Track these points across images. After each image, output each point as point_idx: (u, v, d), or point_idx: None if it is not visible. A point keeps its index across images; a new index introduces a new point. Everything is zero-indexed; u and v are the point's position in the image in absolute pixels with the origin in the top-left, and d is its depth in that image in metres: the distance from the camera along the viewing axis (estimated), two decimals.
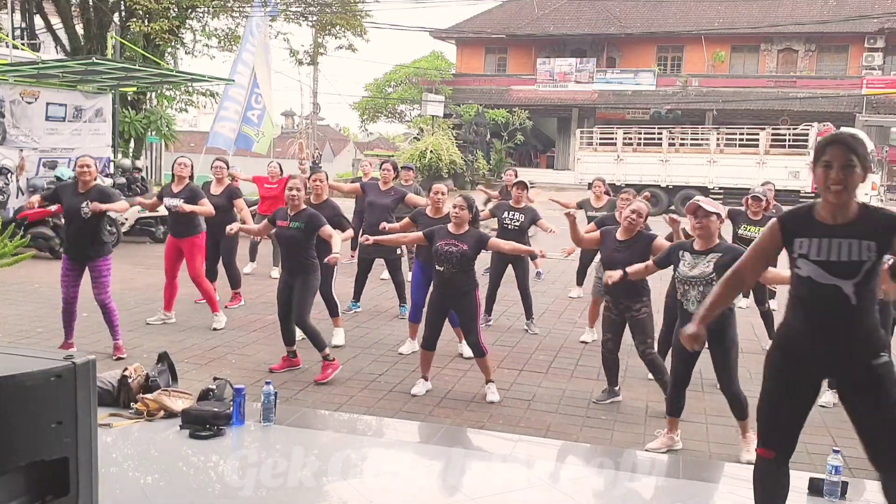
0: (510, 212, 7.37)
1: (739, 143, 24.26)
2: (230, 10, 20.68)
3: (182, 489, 3.76)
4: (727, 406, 4.54)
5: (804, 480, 3.95)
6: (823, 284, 2.85)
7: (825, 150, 2.82)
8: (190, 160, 7.41)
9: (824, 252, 2.84)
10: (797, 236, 2.91)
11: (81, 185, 6.03)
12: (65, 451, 2.16)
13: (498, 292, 7.66)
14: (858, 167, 2.79)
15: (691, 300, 4.41)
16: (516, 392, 5.63)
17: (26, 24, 18.95)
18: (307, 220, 5.74)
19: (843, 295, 2.83)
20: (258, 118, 15.83)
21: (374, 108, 37.51)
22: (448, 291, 5.36)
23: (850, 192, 2.80)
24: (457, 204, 5.37)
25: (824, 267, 2.84)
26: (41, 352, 2.42)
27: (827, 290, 2.84)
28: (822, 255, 2.84)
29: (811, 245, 2.87)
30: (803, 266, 2.89)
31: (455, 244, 5.25)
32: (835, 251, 2.83)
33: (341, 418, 4.96)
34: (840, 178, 2.78)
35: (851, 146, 2.80)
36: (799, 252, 2.90)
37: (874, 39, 30.49)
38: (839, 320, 2.88)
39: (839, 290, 2.83)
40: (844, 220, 2.84)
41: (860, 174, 2.80)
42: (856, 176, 2.79)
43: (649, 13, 34.34)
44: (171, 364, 5.20)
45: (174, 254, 7.22)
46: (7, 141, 12.13)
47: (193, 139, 38.10)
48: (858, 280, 2.81)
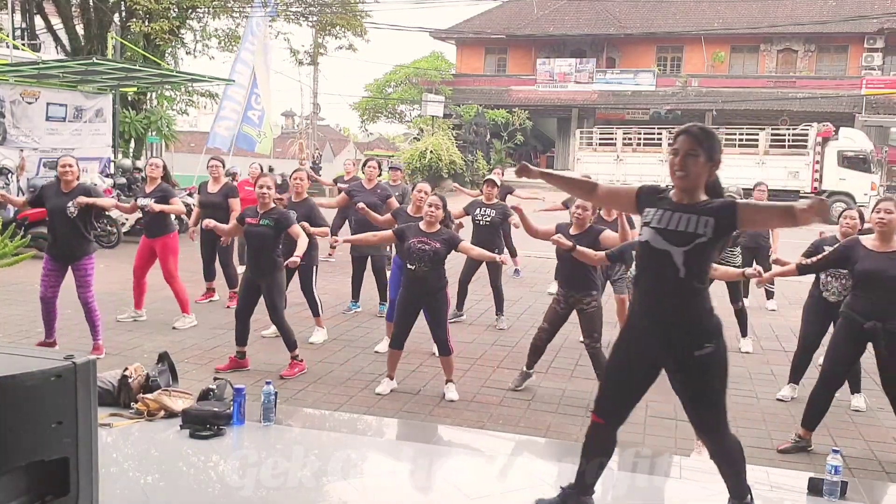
0: (482, 208, 7.60)
1: (739, 143, 24.24)
2: (230, 11, 20.67)
3: (182, 489, 3.76)
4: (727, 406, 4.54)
5: (804, 480, 3.95)
6: (657, 249, 3.07)
7: (676, 139, 3.09)
8: (162, 161, 7.49)
9: (664, 221, 3.08)
10: (648, 206, 3.18)
11: (64, 185, 6.04)
12: (65, 451, 2.16)
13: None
14: (702, 157, 3.02)
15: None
16: (516, 392, 5.63)
17: (27, 24, 18.95)
18: (277, 219, 5.74)
19: (673, 264, 3.01)
20: (259, 119, 15.85)
21: (374, 108, 37.48)
22: (419, 290, 5.36)
23: (691, 179, 3.04)
24: (431, 203, 5.40)
25: (661, 233, 3.08)
26: (41, 352, 2.42)
27: (658, 257, 3.05)
28: (662, 223, 3.09)
29: (656, 214, 3.12)
30: (645, 232, 3.14)
31: (427, 242, 5.26)
32: (674, 222, 3.06)
33: (341, 418, 4.96)
34: (682, 165, 3.03)
35: (698, 137, 3.03)
36: (645, 220, 3.16)
37: (874, 40, 30.47)
38: (666, 292, 3.07)
39: (669, 257, 3.02)
40: (690, 201, 3.08)
41: (704, 164, 3.03)
42: (698, 165, 3.02)
43: (649, 13, 34.33)
44: (171, 364, 5.20)
45: (146, 253, 7.27)
46: (7, 141, 12.14)
47: (194, 139, 38.07)
48: (688, 249, 3.00)
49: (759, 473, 4.19)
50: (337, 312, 7.96)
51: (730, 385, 4.62)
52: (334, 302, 8.28)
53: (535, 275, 10.61)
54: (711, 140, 3.05)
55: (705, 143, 3.02)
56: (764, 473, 4.18)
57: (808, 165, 22.53)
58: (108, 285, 9.00)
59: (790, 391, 5.62)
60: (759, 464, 4.37)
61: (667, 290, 3.07)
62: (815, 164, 22.43)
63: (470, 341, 7.01)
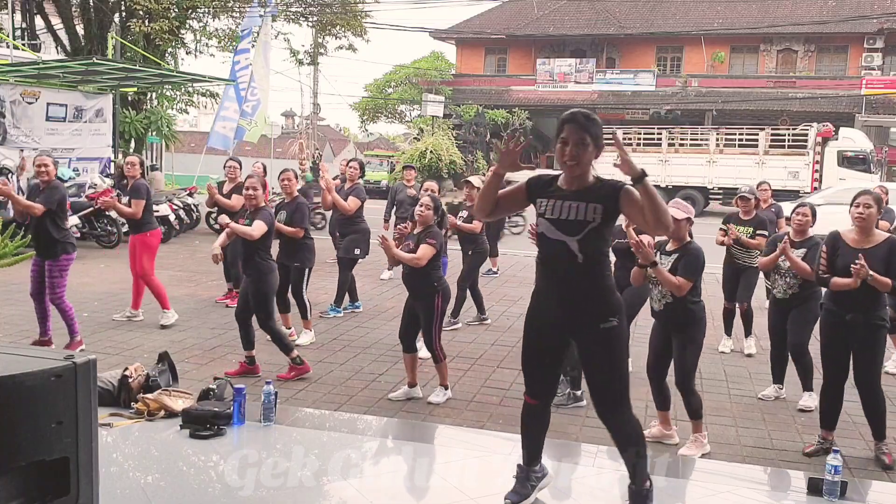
0: (463, 210, 7.77)
1: (739, 143, 24.24)
2: (230, 11, 20.67)
3: (182, 489, 3.76)
4: (726, 406, 4.55)
5: (803, 480, 3.95)
6: (553, 240, 3.21)
7: (562, 128, 3.15)
8: (139, 158, 7.55)
9: (556, 211, 3.20)
10: (539, 197, 3.29)
11: (42, 184, 6.12)
12: (65, 451, 2.16)
13: (499, 292, 7.69)
14: (591, 146, 3.12)
15: (654, 298, 4.53)
16: (516, 392, 5.61)
17: (27, 24, 18.93)
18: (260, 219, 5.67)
19: (570, 251, 3.18)
20: (252, 109, 15.88)
21: (374, 108, 37.49)
22: (410, 293, 5.31)
23: (582, 167, 3.14)
24: (423, 203, 5.29)
25: (555, 224, 3.20)
26: (41, 352, 2.41)
27: (556, 246, 3.21)
28: (555, 213, 3.21)
29: (548, 205, 3.24)
30: (541, 223, 3.27)
31: (409, 244, 5.21)
32: (565, 211, 3.18)
33: (341, 418, 4.96)
34: (574, 154, 3.12)
35: (585, 126, 3.12)
36: (539, 211, 3.28)
37: (873, 40, 30.48)
38: (567, 276, 3.23)
39: (566, 246, 3.18)
40: (579, 187, 3.19)
41: (592, 151, 3.14)
42: (588, 153, 3.13)
43: (649, 13, 34.34)
44: (171, 364, 5.21)
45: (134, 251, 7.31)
46: (7, 141, 12.15)
47: (194, 139, 38.10)
48: (581, 237, 3.15)
49: (759, 473, 4.19)
50: (337, 313, 7.95)
51: (730, 385, 4.64)
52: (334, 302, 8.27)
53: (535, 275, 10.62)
54: (597, 127, 3.15)
55: (592, 129, 3.12)
56: (764, 473, 4.18)
57: (808, 165, 22.53)
58: (108, 285, 9.01)
59: (773, 391, 5.61)
60: (759, 464, 4.37)
61: (569, 274, 3.22)
62: (814, 165, 22.43)
63: (470, 341, 7.01)
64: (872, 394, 4.42)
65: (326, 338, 6.96)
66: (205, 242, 12.04)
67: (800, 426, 5.08)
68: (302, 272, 6.79)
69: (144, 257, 7.20)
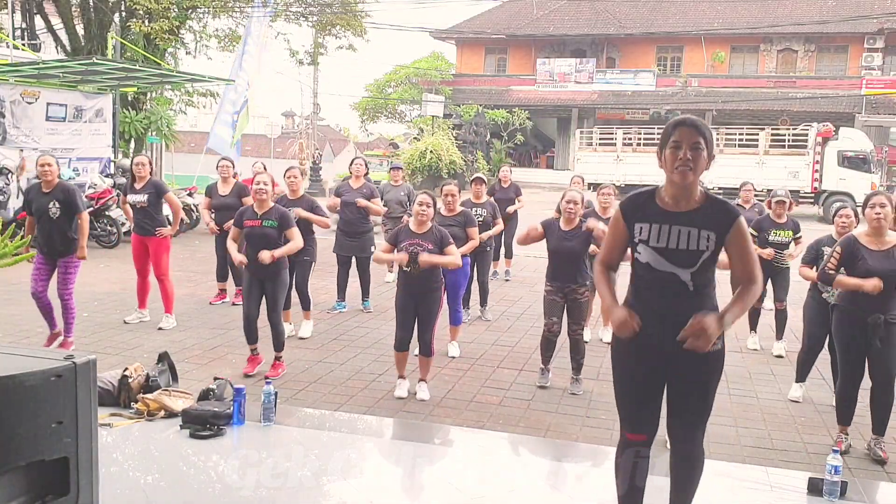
0: (472, 208, 7.70)
1: (739, 143, 24.24)
2: (230, 11, 20.66)
3: (182, 489, 3.76)
4: (727, 406, 4.55)
5: (803, 480, 3.95)
6: (661, 271, 2.85)
7: (673, 132, 2.80)
8: (147, 158, 7.39)
9: (664, 238, 2.83)
10: (638, 221, 2.90)
11: (45, 184, 6.09)
12: (65, 451, 2.16)
13: (499, 292, 7.69)
14: (705, 150, 2.78)
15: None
16: (516, 392, 5.63)
17: (27, 24, 18.92)
18: (280, 218, 5.71)
19: (681, 282, 2.84)
20: (241, 105, 15.88)
21: (374, 108, 37.51)
22: (414, 290, 5.33)
23: (696, 173, 2.78)
24: (421, 202, 5.32)
25: (662, 254, 2.84)
26: (41, 352, 2.42)
27: (664, 277, 2.85)
28: (662, 241, 2.84)
29: (652, 230, 2.86)
30: (643, 251, 2.89)
31: (419, 244, 5.24)
32: (674, 239, 2.82)
33: (341, 418, 4.96)
34: (688, 158, 2.76)
35: (700, 128, 2.79)
36: (639, 237, 2.89)
37: (874, 40, 30.49)
38: (675, 302, 2.86)
39: (676, 278, 2.84)
40: (687, 207, 2.84)
41: (706, 158, 2.79)
42: (702, 158, 2.78)
43: (649, 13, 34.35)
44: (171, 364, 5.21)
45: (142, 251, 7.20)
46: (7, 141, 12.13)
47: (194, 139, 38.05)
48: (695, 270, 2.82)
49: (759, 473, 4.19)
50: (339, 312, 7.95)
51: (730, 385, 4.65)
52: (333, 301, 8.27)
53: (535, 275, 10.59)
54: (710, 131, 2.84)
55: (706, 133, 2.80)
56: (764, 473, 4.18)
57: (808, 165, 22.53)
58: (108, 285, 9.01)
59: (800, 390, 5.59)
60: (759, 464, 4.37)
61: (678, 299, 2.87)
62: (815, 164, 22.42)
63: (470, 341, 7.00)
64: (889, 389, 4.49)
65: (327, 338, 6.95)
66: (205, 243, 12.02)
67: (800, 426, 5.09)
68: (309, 266, 7.00)
69: (164, 257, 7.17)
